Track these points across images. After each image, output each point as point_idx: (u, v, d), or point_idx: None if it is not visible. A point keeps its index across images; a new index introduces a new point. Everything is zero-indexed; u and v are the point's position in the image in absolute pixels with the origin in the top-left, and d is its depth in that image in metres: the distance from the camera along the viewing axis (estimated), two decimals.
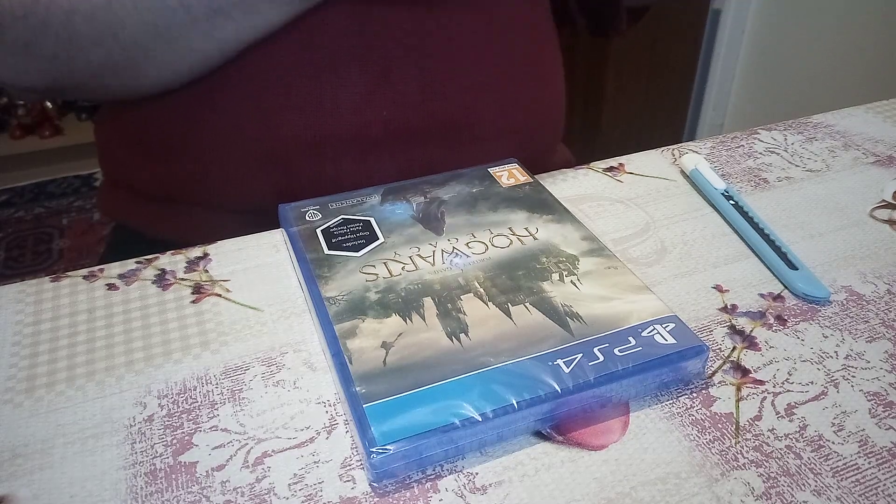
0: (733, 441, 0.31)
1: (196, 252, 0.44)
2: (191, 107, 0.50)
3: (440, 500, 0.29)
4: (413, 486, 0.30)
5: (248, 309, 0.39)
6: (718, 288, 0.40)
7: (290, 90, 0.48)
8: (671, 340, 0.33)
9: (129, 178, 0.58)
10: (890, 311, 0.38)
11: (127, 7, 0.43)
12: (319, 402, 0.34)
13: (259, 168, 0.51)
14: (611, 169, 0.52)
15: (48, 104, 2.01)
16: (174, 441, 0.32)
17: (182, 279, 0.42)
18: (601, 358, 0.32)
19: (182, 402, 0.34)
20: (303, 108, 0.48)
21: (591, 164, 0.53)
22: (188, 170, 0.53)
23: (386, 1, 0.48)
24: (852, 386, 0.34)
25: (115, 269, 0.43)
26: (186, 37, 0.45)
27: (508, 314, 0.35)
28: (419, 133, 0.51)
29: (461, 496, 0.29)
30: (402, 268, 0.38)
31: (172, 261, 0.43)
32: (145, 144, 0.55)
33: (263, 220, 0.47)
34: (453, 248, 0.40)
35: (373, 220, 0.43)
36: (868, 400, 0.33)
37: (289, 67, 0.48)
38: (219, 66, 0.47)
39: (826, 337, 0.37)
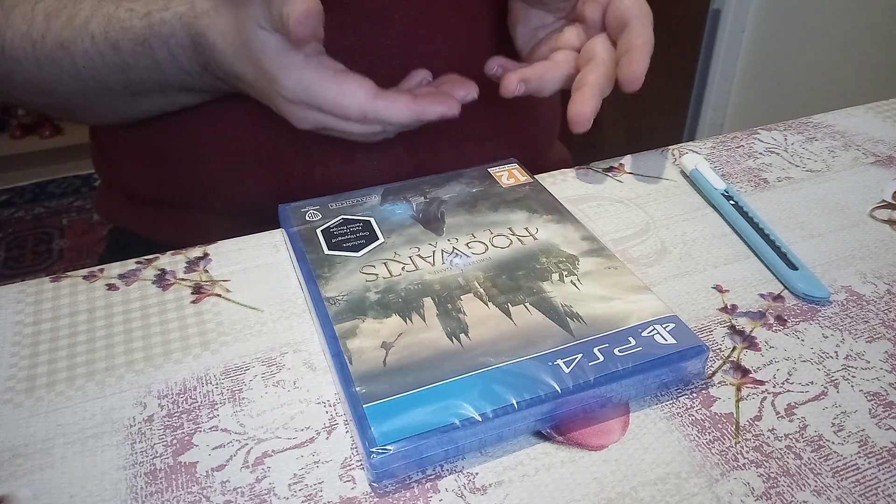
0: (733, 441, 0.31)
1: (196, 252, 0.44)
2: (183, 111, 0.50)
3: (440, 500, 0.29)
4: (413, 487, 0.30)
5: (248, 309, 0.39)
6: (718, 288, 0.40)
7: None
8: (671, 340, 0.33)
9: (125, 181, 0.58)
10: (890, 311, 0.38)
11: (55, 78, 0.46)
12: (319, 403, 0.34)
13: (250, 169, 0.51)
14: (611, 169, 0.52)
15: None
16: (174, 441, 0.32)
17: (182, 279, 0.42)
18: (601, 358, 0.32)
19: (182, 403, 0.34)
20: None
21: (591, 164, 0.53)
22: (181, 172, 0.53)
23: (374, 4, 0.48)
24: (852, 386, 0.34)
25: (115, 269, 0.43)
26: (112, 105, 0.49)
27: (508, 314, 0.35)
28: (406, 134, 0.51)
29: (461, 496, 0.29)
30: (402, 268, 0.38)
31: (172, 261, 0.43)
32: (139, 148, 0.55)
33: (259, 222, 0.47)
34: (453, 248, 0.40)
35: (373, 220, 0.43)
36: (868, 400, 0.33)
37: None
38: None
39: (826, 337, 0.37)
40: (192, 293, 0.41)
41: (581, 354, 0.33)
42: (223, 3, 0.40)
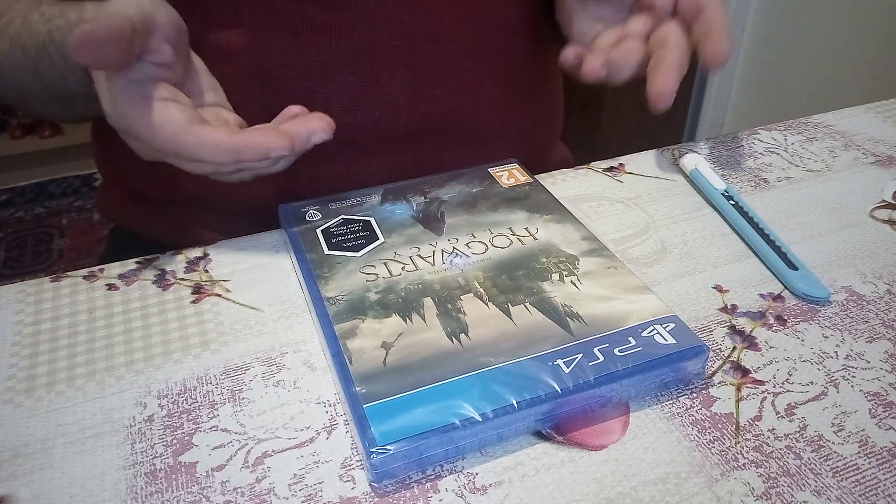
0: (733, 441, 0.31)
1: (196, 252, 0.44)
2: None
3: (440, 500, 0.29)
4: (413, 487, 0.30)
5: (248, 309, 0.39)
6: (718, 288, 0.40)
7: (282, 92, 0.48)
8: (671, 340, 0.33)
9: (127, 179, 0.58)
10: (890, 311, 0.38)
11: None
12: (319, 402, 0.34)
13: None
14: (611, 169, 0.52)
15: None
16: (174, 441, 0.32)
17: (182, 279, 0.42)
18: (601, 358, 0.32)
19: (182, 403, 0.34)
20: None
21: (591, 164, 0.53)
22: (182, 171, 0.53)
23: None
24: (852, 386, 0.34)
25: (115, 269, 0.43)
26: (47, 108, 0.48)
27: (508, 314, 0.35)
28: (410, 134, 0.51)
29: (461, 496, 0.29)
30: (402, 268, 0.38)
31: (172, 261, 0.43)
32: None
33: (260, 222, 0.47)
34: (453, 248, 0.40)
35: (373, 220, 0.43)
36: (868, 400, 0.33)
37: (280, 70, 0.48)
38: (211, 69, 0.47)
39: (826, 337, 0.37)
40: (192, 293, 0.41)
41: (581, 354, 0.33)
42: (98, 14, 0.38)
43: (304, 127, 0.38)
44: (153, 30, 0.36)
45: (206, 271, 0.42)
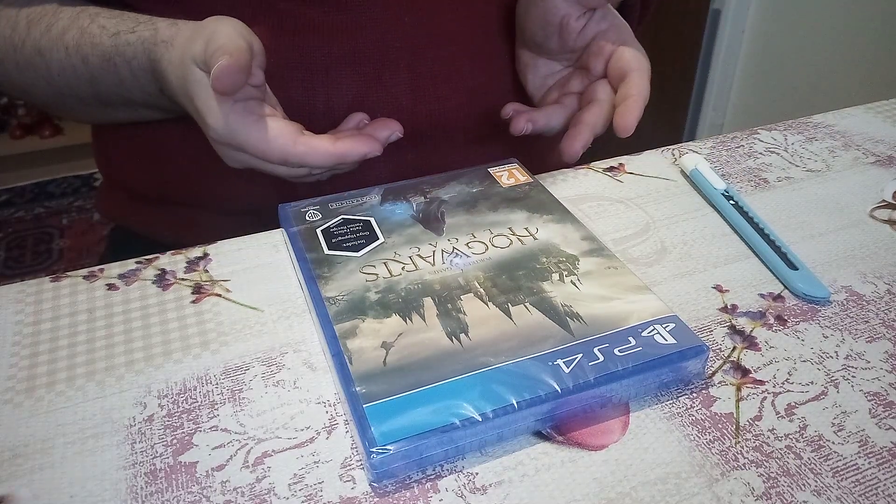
0: (733, 441, 0.31)
1: (196, 252, 0.44)
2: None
3: (440, 500, 0.29)
4: (413, 486, 0.30)
5: (248, 309, 0.39)
6: (718, 288, 0.40)
7: (284, 92, 0.48)
8: (671, 340, 0.33)
9: (127, 179, 0.58)
10: (890, 311, 0.38)
11: (32, 82, 0.49)
12: (319, 402, 0.34)
13: (252, 170, 0.51)
14: (611, 169, 0.52)
15: None
16: (174, 441, 0.32)
17: (182, 279, 0.42)
18: (601, 358, 0.32)
19: (182, 402, 0.34)
20: (296, 110, 0.48)
21: (591, 164, 0.53)
22: (184, 171, 0.53)
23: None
24: (852, 386, 0.34)
25: (115, 269, 0.43)
26: (86, 111, 0.52)
27: (508, 314, 0.35)
28: (412, 135, 0.51)
29: (461, 496, 0.29)
30: (402, 268, 0.38)
31: (172, 261, 0.43)
32: (141, 146, 0.55)
33: (261, 222, 0.47)
34: (453, 248, 0.40)
35: (373, 220, 0.43)
36: (868, 400, 0.33)
37: (282, 70, 0.48)
38: None
39: (826, 337, 0.37)
40: (192, 293, 0.41)
41: (581, 354, 0.33)
42: (179, 36, 0.41)
43: (385, 129, 0.44)
44: (255, 57, 0.40)
45: (206, 271, 0.42)
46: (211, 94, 0.39)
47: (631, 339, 0.33)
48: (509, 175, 0.47)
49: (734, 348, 0.36)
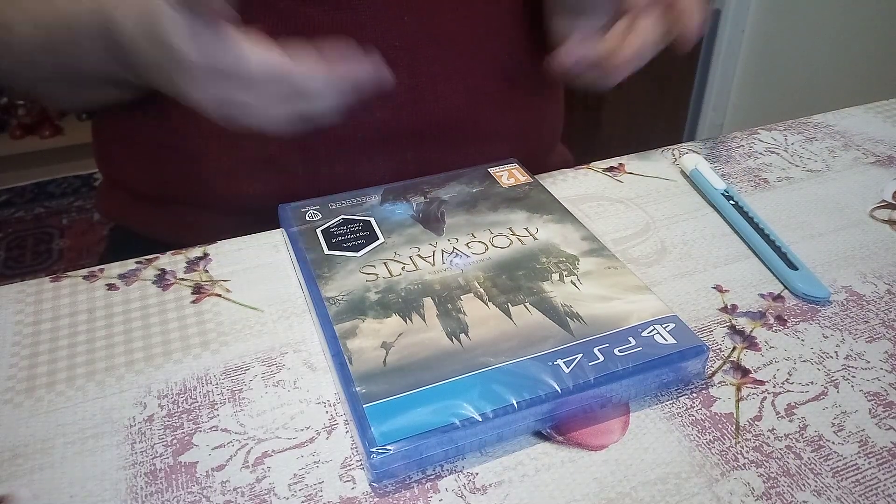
0: (733, 441, 0.31)
1: (196, 252, 0.44)
2: (185, 108, 0.50)
3: (440, 500, 0.29)
4: (413, 486, 0.30)
5: (248, 309, 0.39)
6: (718, 288, 0.40)
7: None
8: (671, 340, 0.33)
9: (127, 178, 0.58)
10: (890, 311, 0.38)
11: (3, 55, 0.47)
12: (319, 402, 0.34)
13: (253, 169, 0.51)
14: (611, 169, 0.52)
15: None
16: (174, 441, 0.32)
17: (182, 279, 0.42)
18: (601, 358, 0.32)
19: (182, 402, 0.34)
20: None
21: (591, 164, 0.53)
22: (184, 171, 0.53)
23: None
24: (852, 386, 0.34)
25: (115, 269, 0.43)
26: (52, 93, 0.51)
27: (508, 314, 0.35)
28: (412, 135, 0.51)
29: (461, 496, 0.29)
30: (402, 268, 0.38)
31: (172, 261, 0.43)
32: (141, 145, 0.55)
33: (261, 222, 0.47)
34: (453, 248, 0.40)
35: (373, 220, 0.43)
36: (868, 400, 0.33)
37: None
38: None
39: (826, 337, 0.37)
40: (192, 293, 0.41)
41: (581, 354, 0.33)
42: None
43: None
44: None
45: (206, 271, 0.42)
46: (186, 24, 0.37)
47: (631, 339, 0.33)
48: (509, 175, 0.47)
49: (734, 348, 0.36)
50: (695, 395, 0.34)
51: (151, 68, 0.42)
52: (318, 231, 0.42)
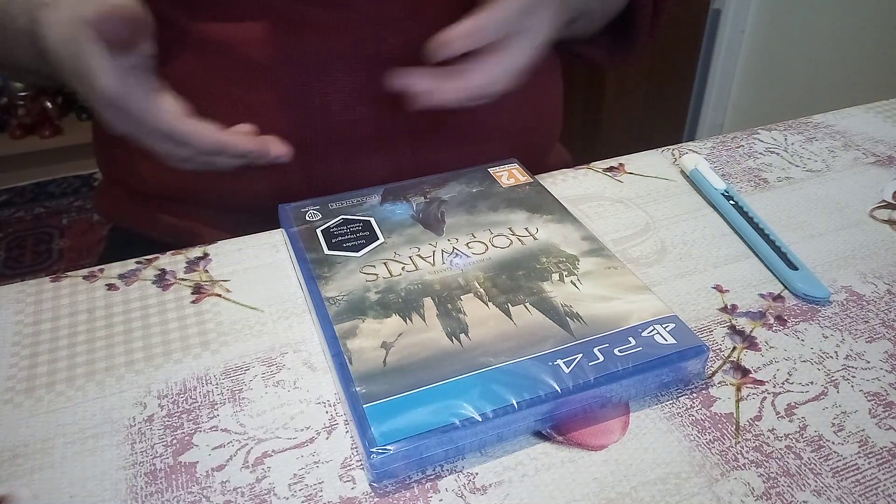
0: (733, 441, 0.31)
1: (196, 252, 0.44)
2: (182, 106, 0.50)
3: (440, 500, 0.29)
4: (413, 487, 0.30)
5: (248, 309, 0.39)
6: (718, 288, 0.40)
7: (279, 89, 0.48)
8: (671, 340, 0.33)
9: (126, 176, 0.58)
10: (890, 311, 0.38)
11: None
12: (319, 402, 0.34)
13: (250, 168, 0.51)
14: (611, 169, 0.52)
15: (48, 104, 2.01)
16: (174, 441, 0.32)
17: (182, 279, 0.42)
18: (601, 358, 0.32)
19: (182, 403, 0.34)
20: (291, 107, 0.48)
21: (591, 164, 0.53)
22: (183, 171, 0.53)
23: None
24: (852, 386, 0.34)
25: (115, 269, 0.43)
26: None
27: (508, 314, 0.35)
28: (408, 133, 0.51)
29: (461, 496, 0.29)
30: (402, 268, 0.38)
31: (172, 261, 0.43)
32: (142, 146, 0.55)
33: (260, 220, 0.47)
34: (453, 248, 0.40)
35: (373, 220, 0.43)
36: (868, 400, 0.33)
37: (278, 65, 0.48)
38: (209, 64, 0.48)
39: (826, 337, 0.37)
40: (192, 293, 0.41)
41: (581, 354, 0.33)
42: None
43: (275, 145, 0.43)
44: (147, 26, 0.39)
45: (206, 271, 0.42)
46: (104, 52, 0.38)
47: (631, 339, 0.33)
48: (509, 175, 0.47)
49: (734, 348, 0.36)
50: (695, 395, 0.34)
51: (71, 79, 0.42)
52: (318, 231, 0.42)
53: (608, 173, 0.52)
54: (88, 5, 0.38)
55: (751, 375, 0.35)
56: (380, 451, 0.29)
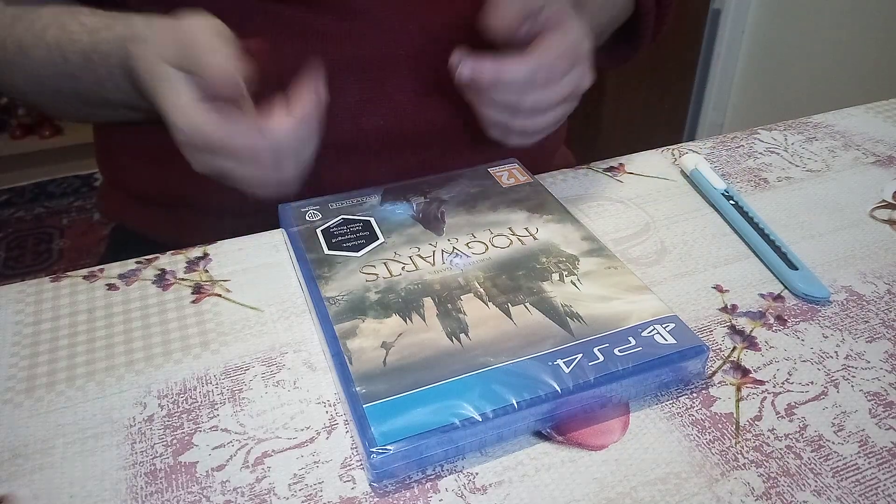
0: (733, 441, 0.31)
1: (196, 252, 0.44)
2: None
3: (440, 500, 0.29)
4: (413, 486, 0.30)
5: (248, 309, 0.39)
6: (718, 288, 0.40)
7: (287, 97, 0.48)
8: (671, 340, 0.33)
9: (128, 180, 0.58)
10: (890, 311, 0.38)
11: (18, 79, 0.49)
12: (319, 402, 0.34)
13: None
14: (611, 169, 0.52)
15: None
16: (174, 441, 0.32)
17: (182, 279, 0.42)
18: (601, 358, 0.32)
19: (182, 402, 0.34)
20: None
21: (591, 164, 0.53)
22: (184, 171, 0.53)
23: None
24: (852, 386, 0.34)
25: (115, 269, 0.43)
26: (72, 110, 0.52)
27: (508, 314, 0.35)
28: (415, 140, 0.51)
29: (461, 496, 0.29)
30: (402, 268, 0.38)
31: (172, 261, 0.43)
32: (143, 146, 0.55)
33: (262, 223, 0.47)
34: (453, 248, 0.40)
35: (373, 220, 0.43)
36: (868, 400, 0.33)
37: (285, 75, 0.48)
38: None
39: (826, 337, 0.37)
40: (192, 293, 0.41)
41: (581, 354, 0.33)
42: (153, 33, 0.41)
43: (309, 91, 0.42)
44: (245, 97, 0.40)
45: (206, 271, 0.42)
46: (181, 92, 0.39)
47: (631, 339, 0.33)
48: (509, 175, 0.47)
49: (734, 348, 0.36)
50: (695, 395, 0.34)
51: (155, 110, 0.42)
52: (318, 231, 0.42)
53: (608, 173, 0.52)
54: (170, 44, 0.39)
55: (751, 375, 0.35)
56: (380, 451, 0.29)
